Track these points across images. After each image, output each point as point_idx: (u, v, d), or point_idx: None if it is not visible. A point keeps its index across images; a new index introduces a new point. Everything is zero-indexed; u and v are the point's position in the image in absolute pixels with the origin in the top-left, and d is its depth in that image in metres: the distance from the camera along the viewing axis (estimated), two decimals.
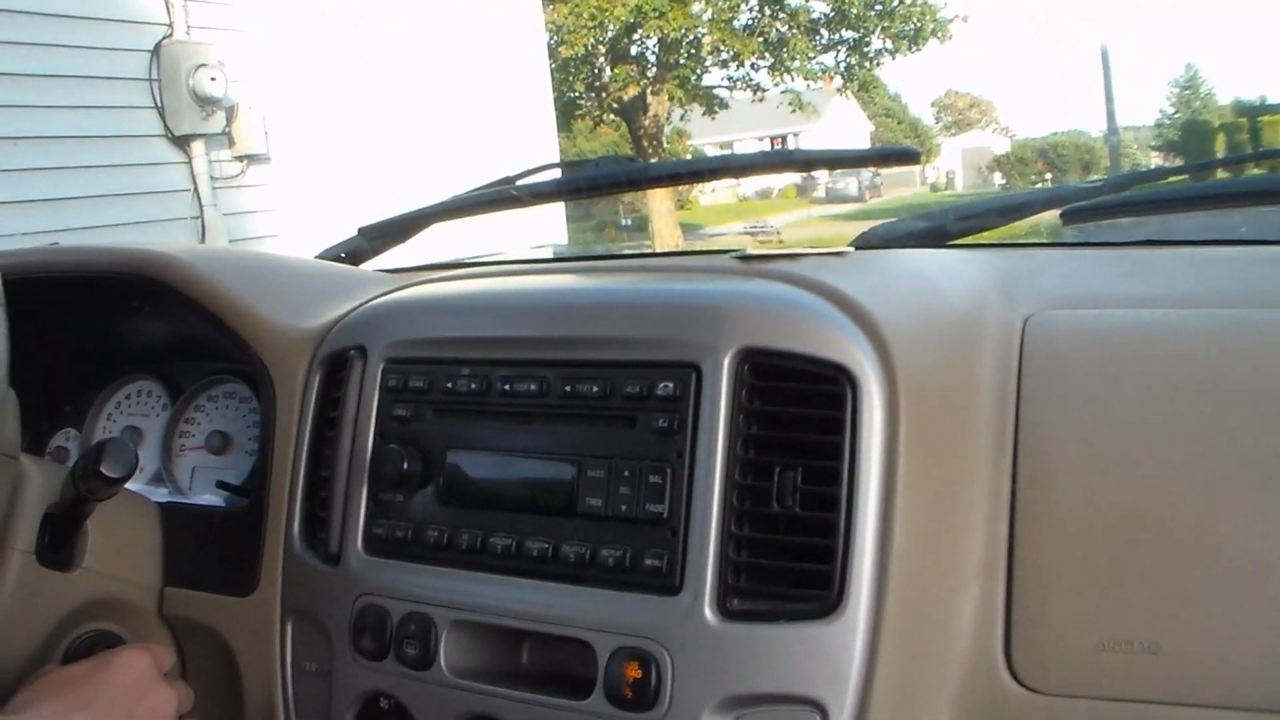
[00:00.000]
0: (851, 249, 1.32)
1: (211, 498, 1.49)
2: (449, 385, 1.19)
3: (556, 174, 1.74)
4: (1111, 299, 1.20)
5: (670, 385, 1.06)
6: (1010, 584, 1.01)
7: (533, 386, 1.14)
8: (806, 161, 1.64)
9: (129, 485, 1.35)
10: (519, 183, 1.68)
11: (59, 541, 1.24)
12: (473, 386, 1.18)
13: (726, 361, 1.05)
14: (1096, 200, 1.52)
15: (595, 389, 1.11)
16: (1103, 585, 0.98)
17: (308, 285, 1.50)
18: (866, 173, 43.57)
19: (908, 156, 1.60)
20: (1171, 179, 1.76)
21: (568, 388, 1.12)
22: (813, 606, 0.99)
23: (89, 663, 1.17)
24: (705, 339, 1.06)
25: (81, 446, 1.69)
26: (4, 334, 1.02)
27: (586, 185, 1.65)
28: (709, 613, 1.00)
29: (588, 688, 1.04)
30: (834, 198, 43.38)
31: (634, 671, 1.02)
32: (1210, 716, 0.94)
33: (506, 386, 1.16)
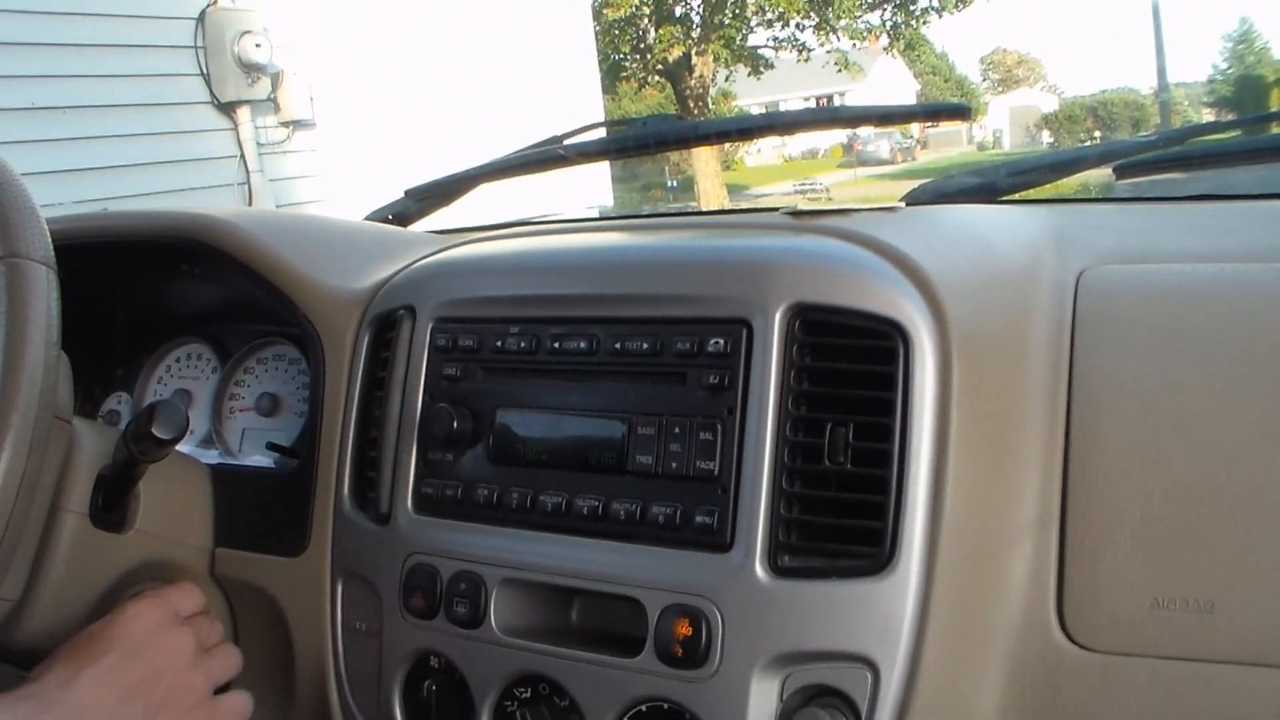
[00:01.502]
0: (902, 204, 1.31)
1: (262, 459, 1.50)
2: (498, 344, 1.19)
3: (603, 133, 1.73)
4: (1167, 254, 1.18)
5: (721, 341, 1.06)
6: (1063, 542, 1.00)
7: (582, 344, 1.14)
8: (855, 118, 1.62)
9: (180, 447, 1.36)
10: (566, 142, 1.68)
11: (112, 503, 1.25)
12: (522, 345, 1.17)
13: (777, 317, 1.04)
14: (1151, 155, 1.49)
15: (645, 346, 1.10)
16: (1157, 543, 0.97)
17: (355, 247, 1.50)
18: (899, 134, 42.22)
19: (958, 112, 1.59)
20: (1227, 133, 1.73)
21: (617, 345, 1.12)
22: (864, 563, 0.98)
23: (103, 619, 1.15)
24: (756, 295, 1.05)
25: (133, 410, 1.69)
26: (56, 297, 1.03)
27: (634, 144, 1.64)
28: (760, 570, 1.00)
29: (638, 646, 1.04)
30: (864, 160, 41.09)
31: (684, 629, 1.01)
32: (1267, 676, 0.93)
33: (556, 344, 1.15)
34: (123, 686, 1.08)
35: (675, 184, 26.80)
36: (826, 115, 1.56)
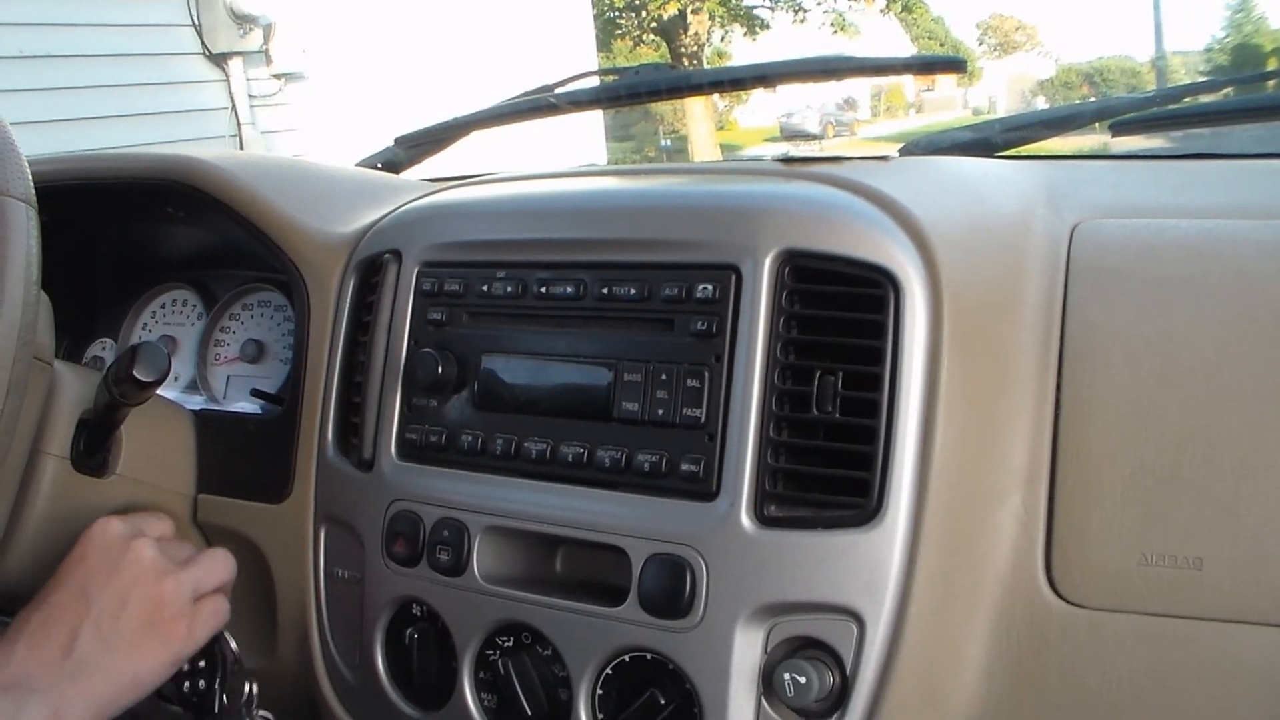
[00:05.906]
0: (896, 154, 1.30)
1: (246, 405, 1.49)
2: (484, 288, 1.18)
3: (595, 81, 1.71)
4: (1161, 209, 1.17)
5: (709, 287, 1.04)
6: (1052, 496, 0.99)
7: (569, 289, 1.12)
8: (848, 69, 1.60)
9: (164, 393, 1.35)
10: (557, 90, 1.66)
11: (93, 447, 1.24)
12: (508, 289, 1.16)
13: (767, 263, 1.02)
14: (1147, 112, 1.48)
15: (633, 291, 1.09)
16: (1147, 499, 0.96)
17: (342, 191, 1.49)
18: (832, 106, 38.85)
19: (952, 65, 1.57)
20: (1223, 91, 1.72)
21: (605, 290, 1.10)
22: (851, 514, 0.97)
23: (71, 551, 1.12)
24: (745, 240, 1.04)
25: (117, 355, 1.68)
26: (36, 235, 1.01)
27: (626, 92, 1.62)
28: (745, 519, 0.99)
29: (621, 595, 1.04)
30: (788, 134, 35.62)
31: (668, 579, 1.01)
32: (1254, 634, 0.92)
33: (542, 289, 1.14)
34: (88, 609, 1.07)
35: (669, 143, 26.74)
36: (819, 66, 1.54)
